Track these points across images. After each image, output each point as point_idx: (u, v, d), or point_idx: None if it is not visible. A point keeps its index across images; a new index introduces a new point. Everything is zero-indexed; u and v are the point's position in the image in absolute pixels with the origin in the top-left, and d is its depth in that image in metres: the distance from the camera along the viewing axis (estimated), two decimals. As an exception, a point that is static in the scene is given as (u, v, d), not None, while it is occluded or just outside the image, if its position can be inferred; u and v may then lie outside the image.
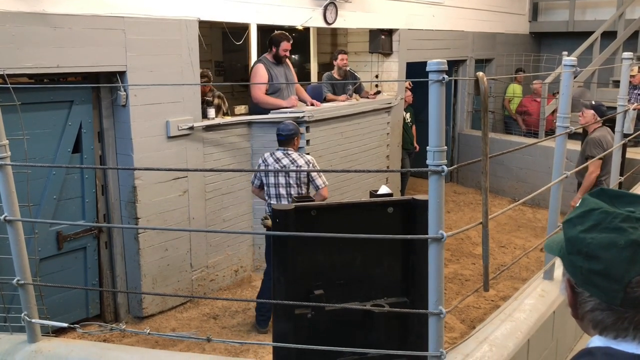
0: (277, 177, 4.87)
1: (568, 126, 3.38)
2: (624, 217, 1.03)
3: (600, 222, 1.04)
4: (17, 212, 2.67)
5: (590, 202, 1.08)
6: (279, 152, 4.93)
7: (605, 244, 1.02)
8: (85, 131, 4.84)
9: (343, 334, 2.62)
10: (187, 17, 5.27)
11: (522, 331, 2.98)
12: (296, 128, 5.05)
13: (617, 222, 1.03)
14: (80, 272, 4.99)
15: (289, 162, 4.87)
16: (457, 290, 5.86)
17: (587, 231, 1.05)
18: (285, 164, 4.87)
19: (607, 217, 1.04)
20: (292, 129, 4.98)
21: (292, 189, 4.85)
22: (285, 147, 4.93)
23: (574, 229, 1.08)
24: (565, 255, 1.10)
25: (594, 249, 1.03)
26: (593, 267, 1.03)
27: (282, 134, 4.92)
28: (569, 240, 1.09)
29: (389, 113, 7.69)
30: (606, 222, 1.03)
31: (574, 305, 1.10)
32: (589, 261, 1.04)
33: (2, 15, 4.03)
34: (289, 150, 4.92)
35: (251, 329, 5.14)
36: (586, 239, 1.04)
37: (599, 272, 1.02)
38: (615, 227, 1.02)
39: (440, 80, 2.13)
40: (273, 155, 4.95)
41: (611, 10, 10.54)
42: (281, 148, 4.94)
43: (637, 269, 1.00)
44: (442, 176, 2.18)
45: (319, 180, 4.87)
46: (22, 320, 2.77)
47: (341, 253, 2.63)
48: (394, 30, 7.99)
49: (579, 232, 1.06)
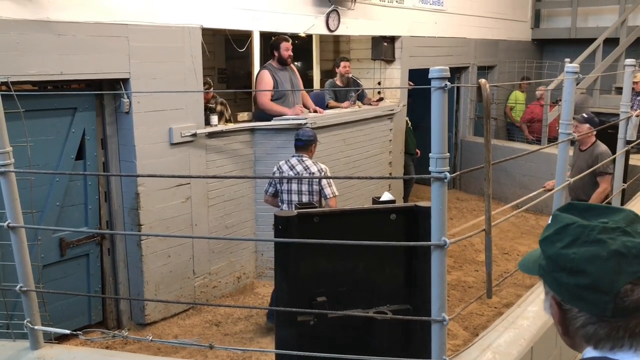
0: (290, 184, 4.92)
1: (570, 133, 3.38)
2: (600, 228, 1.03)
3: (578, 236, 1.03)
4: (20, 218, 2.67)
5: (563, 218, 1.08)
6: (293, 159, 5.00)
7: (589, 257, 1.01)
8: (88, 138, 4.86)
9: (346, 341, 2.62)
10: (190, 25, 5.29)
11: (525, 338, 2.97)
12: (315, 135, 5.13)
13: (595, 234, 1.02)
14: (83, 278, 4.99)
15: (302, 169, 4.93)
16: (460, 297, 5.85)
17: (567, 247, 1.04)
18: (299, 170, 4.92)
19: (584, 231, 1.03)
20: (311, 135, 5.06)
21: (304, 196, 4.88)
22: (302, 153, 4.99)
23: (553, 246, 1.06)
24: (547, 273, 1.08)
25: (578, 264, 1.02)
26: (580, 282, 1.02)
27: (301, 139, 5.00)
28: (550, 258, 1.07)
29: (391, 120, 7.70)
30: (584, 236, 1.03)
31: (563, 323, 1.09)
32: (574, 276, 1.02)
33: (6, 23, 4.06)
34: (304, 157, 4.98)
35: (253, 336, 5.13)
36: (569, 255, 1.03)
37: (587, 286, 1.01)
38: (594, 240, 1.02)
39: (443, 87, 2.14)
40: (288, 162, 5.02)
41: (613, 17, 10.55)
42: (296, 155, 5.00)
43: (623, 278, 0.99)
44: (445, 183, 2.18)
45: (328, 190, 4.89)
46: (25, 327, 2.77)
47: (344, 260, 2.62)
48: (396, 37, 8.01)
49: (559, 249, 1.05)
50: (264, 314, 5.33)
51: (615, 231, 1.02)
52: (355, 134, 6.96)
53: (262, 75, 6.14)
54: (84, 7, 4.48)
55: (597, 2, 11.03)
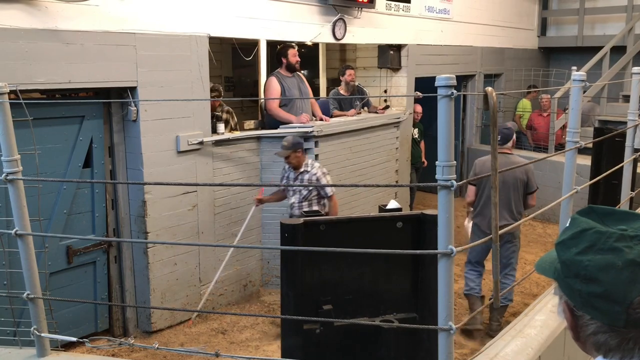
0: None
1: (578, 141, 3.37)
2: (617, 236, 1.01)
3: (594, 242, 1.01)
4: (27, 226, 2.69)
5: (581, 222, 1.06)
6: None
7: (603, 265, 0.99)
8: (96, 146, 4.88)
9: (352, 349, 2.61)
10: (198, 33, 5.32)
11: (533, 348, 2.95)
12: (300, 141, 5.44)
13: (612, 242, 1.00)
14: (89, 286, 5.00)
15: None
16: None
17: (582, 253, 1.02)
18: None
19: (601, 237, 1.01)
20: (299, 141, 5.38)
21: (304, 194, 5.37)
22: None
23: (569, 251, 1.05)
24: (561, 278, 1.07)
25: (592, 272, 1.00)
26: (593, 290, 1.00)
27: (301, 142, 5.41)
28: (564, 263, 1.06)
29: (397, 128, 7.69)
30: (601, 243, 1.01)
31: (575, 329, 1.07)
32: (587, 284, 1.01)
33: (15, 32, 4.09)
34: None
35: (259, 344, 5.12)
36: (583, 262, 1.01)
37: (600, 295, 1.00)
38: (610, 248, 1.00)
39: (449, 95, 2.14)
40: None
41: (620, 25, 10.53)
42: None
43: (637, 289, 0.97)
44: (452, 191, 2.18)
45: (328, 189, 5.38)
46: (32, 334, 2.78)
47: (350, 268, 2.62)
48: (402, 45, 8.02)
49: (574, 255, 1.03)
50: (270, 322, 5.33)
51: (634, 239, 1.00)
52: (362, 142, 6.96)
53: (270, 82, 6.23)
54: (92, 16, 4.52)
55: (603, 10, 11.01)
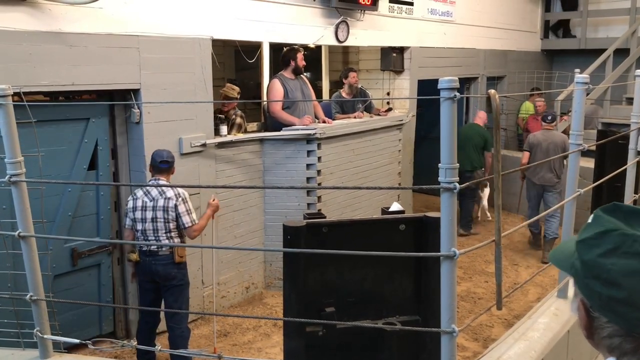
0: (144, 211, 4.32)
1: (581, 144, 3.36)
2: None
3: (619, 245, 0.98)
4: (31, 228, 2.69)
5: (605, 222, 1.02)
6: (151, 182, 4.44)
7: (628, 271, 0.96)
8: (101, 148, 4.88)
9: (354, 352, 2.60)
10: (201, 36, 5.33)
11: (536, 350, 2.95)
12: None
13: (638, 246, 0.96)
14: (94, 288, 4.99)
15: (157, 194, 4.35)
16: (469, 309, 5.81)
17: (605, 256, 0.98)
18: (154, 195, 4.34)
19: (626, 241, 0.98)
20: (172, 155, 4.53)
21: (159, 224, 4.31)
22: (162, 176, 4.42)
23: (591, 251, 1.01)
24: (580, 277, 1.04)
25: (614, 276, 0.97)
26: (614, 295, 0.97)
27: (167, 161, 4.42)
28: (585, 264, 1.02)
29: (400, 130, 7.69)
30: (626, 246, 0.97)
31: (589, 329, 1.05)
32: (608, 288, 0.98)
33: (19, 35, 4.11)
34: (161, 180, 4.39)
35: (262, 346, 5.12)
36: (606, 265, 0.98)
37: (621, 300, 0.97)
38: (636, 252, 0.96)
39: (452, 98, 2.14)
40: (143, 188, 4.41)
41: (623, 27, 10.51)
42: (154, 178, 4.44)
43: None
44: (454, 193, 2.18)
45: (187, 218, 4.33)
46: (35, 336, 2.79)
47: (353, 270, 2.62)
48: (405, 48, 8.02)
49: (597, 256, 1.00)
50: (272, 324, 5.31)
51: None
52: (365, 144, 6.96)
53: (273, 84, 6.24)
54: (96, 19, 4.53)
55: (607, 12, 11.00)
